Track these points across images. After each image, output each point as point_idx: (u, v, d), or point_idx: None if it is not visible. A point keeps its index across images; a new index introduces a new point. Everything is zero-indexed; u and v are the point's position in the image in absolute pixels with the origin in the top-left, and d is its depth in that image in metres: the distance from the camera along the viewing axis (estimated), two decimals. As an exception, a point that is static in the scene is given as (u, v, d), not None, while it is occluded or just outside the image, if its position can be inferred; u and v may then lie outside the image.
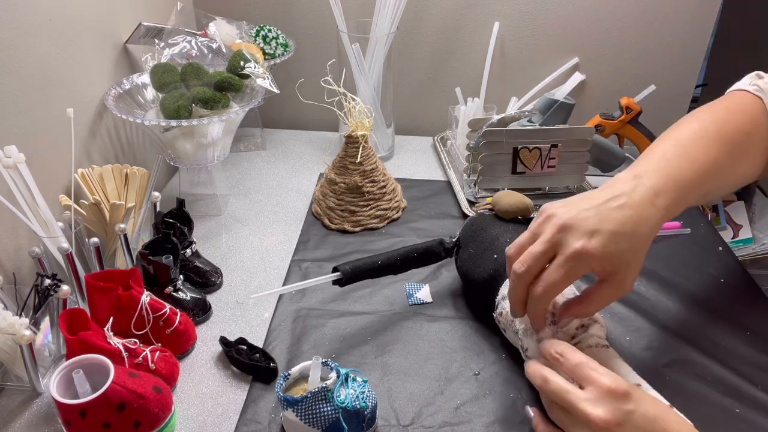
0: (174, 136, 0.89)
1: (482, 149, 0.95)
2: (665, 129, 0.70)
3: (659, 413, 0.51)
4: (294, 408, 0.58)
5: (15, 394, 0.66)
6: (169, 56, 0.94)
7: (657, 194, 0.58)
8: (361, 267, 0.73)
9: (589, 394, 0.51)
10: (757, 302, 0.80)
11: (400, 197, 1.02)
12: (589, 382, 0.52)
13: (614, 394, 0.50)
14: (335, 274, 0.72)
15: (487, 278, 0.72)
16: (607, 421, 0.49)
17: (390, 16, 1.05)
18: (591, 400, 0.51)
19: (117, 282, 0.67)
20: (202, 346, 0.73)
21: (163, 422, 0.60)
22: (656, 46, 1.19)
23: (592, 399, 0.51)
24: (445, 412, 0.64)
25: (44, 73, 0.77)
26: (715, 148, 0.64)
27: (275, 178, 1.12)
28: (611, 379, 0.51)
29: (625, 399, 0.50)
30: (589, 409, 0.50)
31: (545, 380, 0.55)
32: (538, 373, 0.56)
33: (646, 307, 0.79)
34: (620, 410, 0.50)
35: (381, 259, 0.74)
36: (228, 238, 0.94)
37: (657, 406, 0.52)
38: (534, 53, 1.22)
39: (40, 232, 0.70)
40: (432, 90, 1.28)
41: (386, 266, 0.75)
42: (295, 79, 1.03)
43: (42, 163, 0.76)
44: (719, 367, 0.69)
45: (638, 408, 0.50)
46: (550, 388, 0.54)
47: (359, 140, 0.93)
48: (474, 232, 0.77)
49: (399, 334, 0.74)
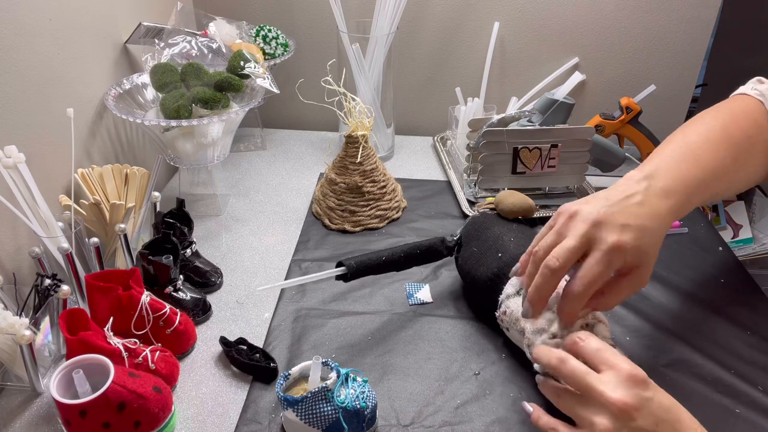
0: (174, 136, 0.89)
1: (482, 149, 0.95)
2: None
3: (673, 405, 0.52)
4: (294, 408, 0.58)
5: (15, 394, 0.66)
6: (169, 56, 0.94)
7: (667, 195, 0.60)
8: (366, 262, 0.73)
9: (610, 377, 0.52)
10: (756, 302, 0.80)
11: (400, 197, 1.02)
12: (609, 366, 0.53)
13: (635, 379, 0.51)
14: (340, 269, 0.72)
15: (490, 277, 0.72)
16: (627, 404, 0.50)
17: (390, 16, 1.05)
18: (611, 383, 0.51)
19: (117, 282, 0.67)
20: (202, 346, 0.73)
21: (163, 422, 0.60)
22: (656, 46, 1.19)
23: (612, 382, 0.51)
24: (446, 411, 0.64)
25: (44, 73, 0.77)
26: (722, 150, 0.65)
27: (275, 178, 1.12)
28: (630, 365, 0.52)
29: (644, 385, 0.51)
30: (609, 391, 0.51)
31: (562, 360, 0.55)
32: (554, 354, 0.56)
33: (646, 307, 0.79)
34: (640, 396, 0.51)
35: (385, 255, 0.75)
36: (228, 238, 0.94)
37: (670, 398, 0.53)
38: (534, 53, 1.22)
39: (40, 232, 0.70)
40: (432, 90, 1.28)
41: (390, 262, 0.75)
42: (295, 79, 1.04)
43: (42, 163, 0.76)
44: (719, 367, 0.69)
45: (655, 396, 0.51)
46: (567, 368, 0.54)
47: (359, 140, 0.93)
48: (477, 231, 0.77)
49: (399, 333, 0.74)
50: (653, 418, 0.50)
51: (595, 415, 0.51)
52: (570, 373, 0.54)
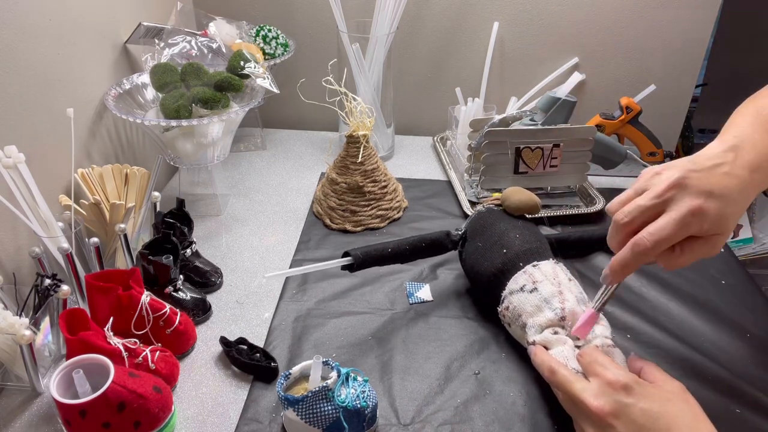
0: (174, 136, 0.89)
1: (484, 149, 0.95)
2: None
3: (664, 412, 0.51)
4: (295, 407, 0.58)
5: (15, 394, 0.66)
6: (169, 56, 0.94)
7: (753, 169, 0.58)
8: (372, 253, 0.73)
9: (592, 385, 0.54)
10: (757, 303, 0.80)
11: (401, 197, 1.01)
12: (595, 374, 0.55)
13: (613, 386, 0.53)
14: (347, 259, 0.72)
15: (494, 272, 0.72)
16: (602, 410, 0.52)
17: (390, 16, 1.05)
18: (592, 391, 0.54)
19: (117, 282, 0.67)
20: (202, 346, 0.73)
21: (163, 422, 0.60)
22: (656, 46, 1.19)
23: (593, 389, 0.54)
24: (446, 411, 0.64)
25: (44, 73, 0.77)
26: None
27: (275, 178, 1.12)
28: (613, 372, 0.54)
29: (624, 392, 0.52)
30: (590, 399, 0.53)
31: (552, 372, 0.58)
32: (546, 365, 0.59)
33: (647, 308, 0.79)
34: (618, 402, 0.52)
35: (391, 246, 0.75)
36: (228, 238, 0.94)
37: (664, 406, 0.52)
38: (534, 53, 1.22)
39: (40, 232, 0.70)
40: (432, 90, 1.28)
41: (395, 254, 0.75)
42: (295, 79, 1.03)
43: (42, 163, 0.76)
44: (719, 368, 0.69)
45: (638, 402, 0.52)
46: (556, 379, 0.57)
47: (360, 140, 0.93)
48: (482, 226, 0.77)
49: (399, 333, 0.74)
50: (634, 425, 0.51)
51: (582, 422, 0.55)
52: (558, 384, 0.58)
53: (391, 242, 0.76)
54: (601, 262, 0.88)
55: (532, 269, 0.69)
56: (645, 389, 0.53)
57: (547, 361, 0.59)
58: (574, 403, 0.55)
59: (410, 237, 0.77)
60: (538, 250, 0.72)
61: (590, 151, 0.98)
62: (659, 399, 0.52)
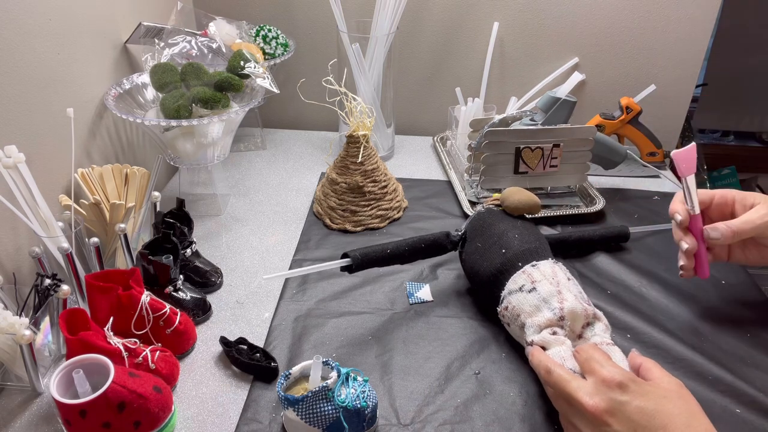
0: (174, 136, 0.89)
1: (484, 149, 0.95)
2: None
3: (660, 410, 0.51)
4: (295, 407, 0.58)
5: (15, 394, 0.66)
6: (169, 56, 0.94)
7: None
8: (371, 254, 0.73)
9: (588, 383, 0.54)
10: (757, 303, 0.80)
11: (401, 197, 1.01)
12: (591, 373, 0.55)
13: (608, 384, 0.53)
14: (345, 260, 0.72)
15: (493, 272, 0.72)
16: (598, 408, 0.52)
17: (390, 16, 1.05)
18: (587, 389, 0.54)
19: (117, 282, 0.67)
20: (202, 346, 0.73)
21: (163, 422, 0.60)
22: (656, 46, 1.19)
23: (588, 388, 0.54)
24: (446, 410, 0.64)
25: (44, 73, 0.77)
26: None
27: (275, 178, 1.12)
28: (609, 370, 0.54)
29: (619, 389, 0.52)
30: (585, 398, 0.53)
31: (548, 371, 0.58)
32: (543, 365, 0.59)
33: (646, 307, 0.79)
34: (613, 400, 0.52)
35: (390, 247, 0.75)
36: (228, 238, 0.94)
37: (660, 403, 0.52)
38: (533, 53, 1.22)
39: (40, 232, 0.70)
40: (432, 90, 1.28)
41: (395, 255, 0.75)
42: (295, 79, 1.04)
43: (42, 163, 0.76)
44: (719, 368, 0.69)
45: (634, 400, 0.52)
46: (552, 379, 0.57)
47: (360, 140, 0.93)
48: (481, 227, 0.77)
49: (399, 333, 0.74)
50: (630, 423, 0.51)
51: (578, 421, 0.55)
52: (554, 383, 0.58)
53: (390, 243, 0.76)
54: (601, 262, 0.88)
55: (530, 269, 0.69)
56: (641, 387, 0.53)
57: (544, 362, 0.59)
58: (569, 402, 0.55)
59: (409, 238, 0.77)
60: (537, 250, 0.72)
61: (590, 151, 0.98)
62: (655, 397, 0.52)
